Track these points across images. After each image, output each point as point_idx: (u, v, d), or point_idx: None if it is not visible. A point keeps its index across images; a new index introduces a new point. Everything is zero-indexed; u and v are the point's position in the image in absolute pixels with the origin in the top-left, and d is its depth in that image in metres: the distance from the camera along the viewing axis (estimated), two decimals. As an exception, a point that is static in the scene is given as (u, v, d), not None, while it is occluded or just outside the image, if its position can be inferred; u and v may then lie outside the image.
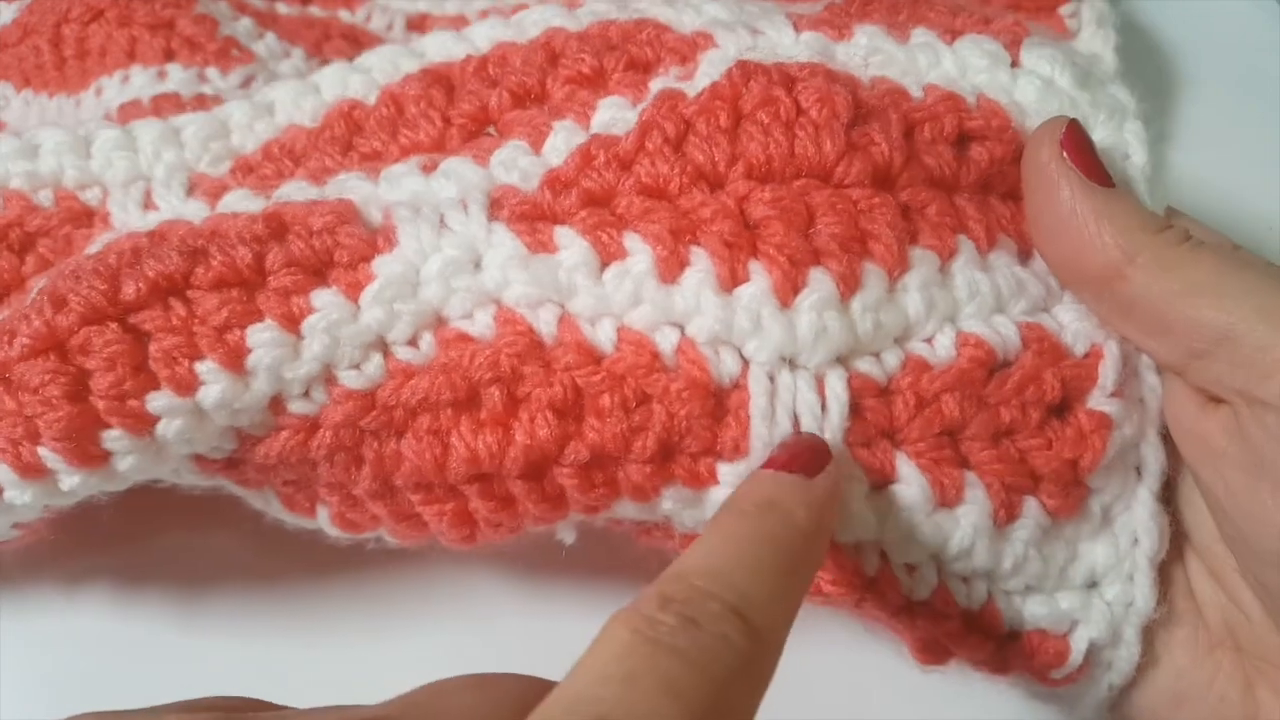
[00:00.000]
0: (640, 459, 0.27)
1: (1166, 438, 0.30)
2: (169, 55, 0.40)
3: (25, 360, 0.27)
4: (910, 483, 0.27)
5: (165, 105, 0.36)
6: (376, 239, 0.28)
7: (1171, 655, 0.30)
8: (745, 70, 0.28)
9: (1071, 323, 0.29)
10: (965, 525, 0.28)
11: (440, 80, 0.32)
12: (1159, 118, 0.47)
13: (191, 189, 0.32)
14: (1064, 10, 0.46)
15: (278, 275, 0.28)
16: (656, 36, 0.31)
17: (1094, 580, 0.30)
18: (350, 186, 0.30)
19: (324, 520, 0.31)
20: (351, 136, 0.32)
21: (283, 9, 0.48)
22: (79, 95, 0.41)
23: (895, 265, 0.27)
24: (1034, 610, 0.29)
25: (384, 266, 0.28)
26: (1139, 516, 0.29)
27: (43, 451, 0.27)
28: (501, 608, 0.35)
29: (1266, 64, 0.48)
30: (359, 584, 0.35)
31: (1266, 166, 0.43)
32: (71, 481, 0.28)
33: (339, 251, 0.28)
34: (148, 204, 0.32)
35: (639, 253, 0.27)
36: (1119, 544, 0.29)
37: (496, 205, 0.28)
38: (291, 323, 0.27)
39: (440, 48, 0.33)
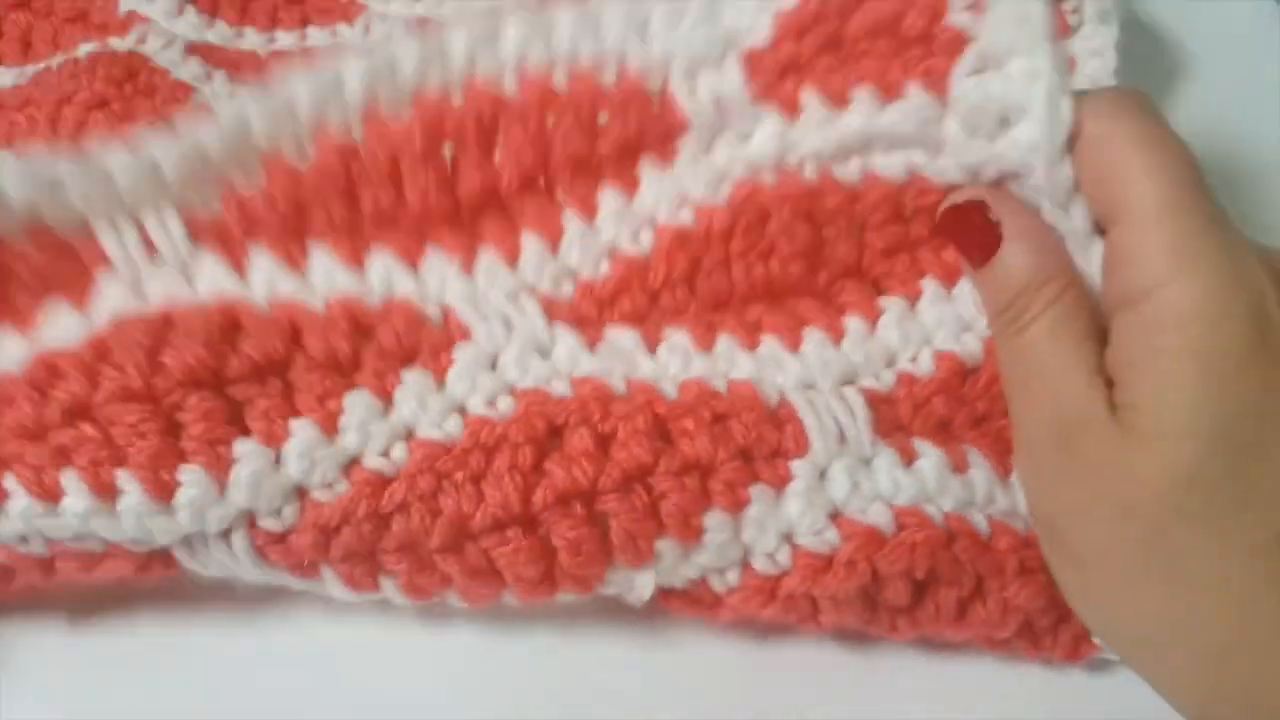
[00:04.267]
0: (727, 460, 0.31)
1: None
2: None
3: (113, 404, 0.29)
4: (929, 455, 0.32)
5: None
6: (451, 334, 0.31)
7: None
8: (732, 210, 0.33)
9: None
10: (979, 481, 0.32)
11: (434, 138, 0.31)
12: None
13: (194, 233, 0.31)
14: (1066, 5, 0.46)
15: (372, 360, 0.31)
16: (638, 118, 0.32)
17: None
18: (397, 280, 0.32)
19: (390, 591, 0.32)
20: (353, 190, 0.32)
21: (282, 38, 0.48)
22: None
23: (871, 315, 0.33)
24: None
25: (463, 351, 0.31)
26: None
27: (119, 473, 0.29)
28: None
29: (1266, 64, 0.48)
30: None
31: (1266, 166, 0.43)
32: (128, 503, 0.29)
33: (423, 347, 0.31)
34: (149, 248, 0.31)
35: (679, 336, 0.32)
36: None
37: (550, 312, 0.32)
38: (384, 394, 0.30)
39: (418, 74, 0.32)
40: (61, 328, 0.30)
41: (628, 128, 0.32)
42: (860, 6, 0.31)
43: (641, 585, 0.31)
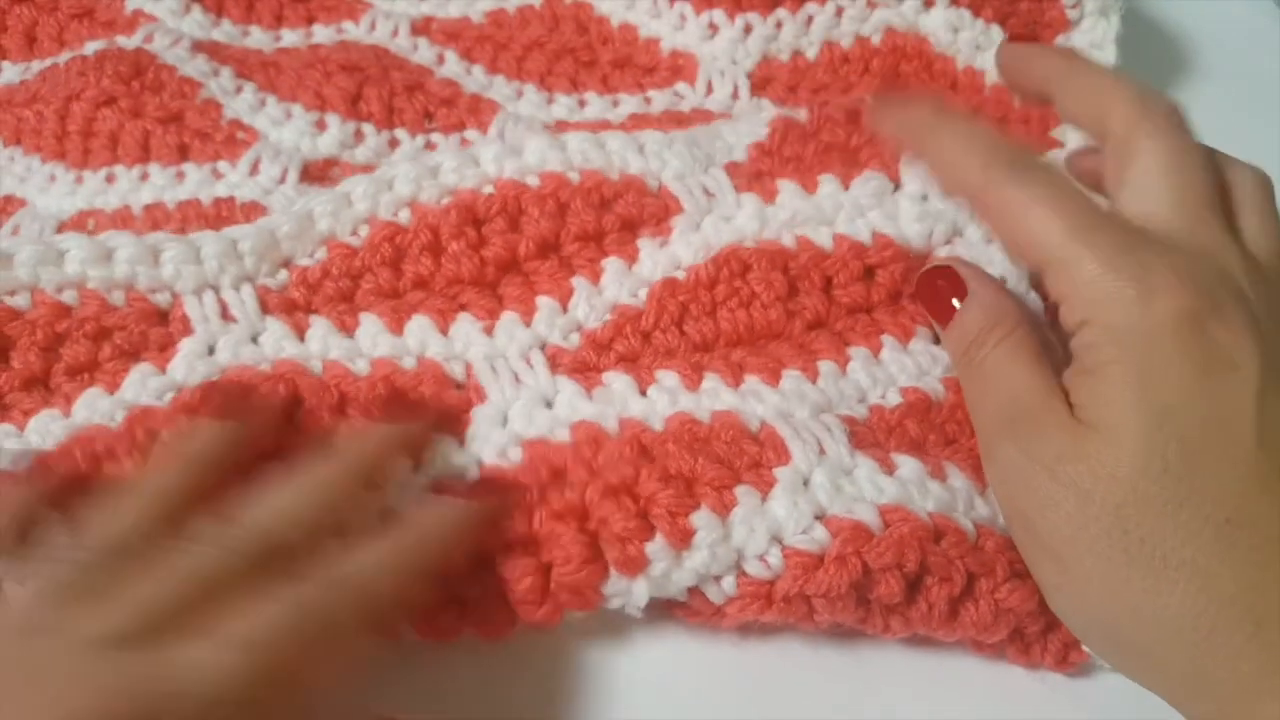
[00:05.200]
0: (709, 467, 0.33)
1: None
2: (183, 152, 0.42)
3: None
4: (907, 464, 0.34)
5: (189, 213, 0.40)
6: (470, 398, 0.36)
7: None
8: (716, 263, 0.38)
9: None
10: (959, 487, 0.34)
11: (468, 215, 0.38)
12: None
13: (264, 304, 0.36)
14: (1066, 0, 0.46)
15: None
16: (638, 201, 0.39)
17: None
18: (430, 342, 0.36)
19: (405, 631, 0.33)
20: (399, 261, 0.37)
21: (287, 36, 0.48)
22: (80, 171, 0.42)
23: (841, 361, 0.37)
24: None
25: (479, 412, 0.35)
26: None
27: None
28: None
29: (1266, 64, 0.48)
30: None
31: (1266, 167, 0.43)
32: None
33: (445, 420, 0.35)
34: (226, 315, 0.36)
35: (668, 378, 0.36)
36: None
37: (554, 362, 0.36)
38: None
39: (456, 174, 0.38)
40: (145, 388, 0.34)
41: (629, 209, 0.38)
42: (816, 135, 0.39)
43: (638, 594, 0.32)
